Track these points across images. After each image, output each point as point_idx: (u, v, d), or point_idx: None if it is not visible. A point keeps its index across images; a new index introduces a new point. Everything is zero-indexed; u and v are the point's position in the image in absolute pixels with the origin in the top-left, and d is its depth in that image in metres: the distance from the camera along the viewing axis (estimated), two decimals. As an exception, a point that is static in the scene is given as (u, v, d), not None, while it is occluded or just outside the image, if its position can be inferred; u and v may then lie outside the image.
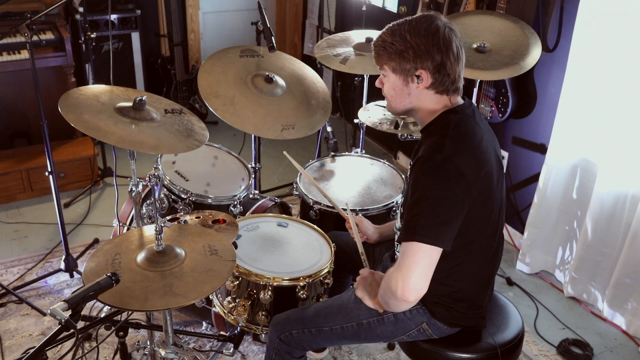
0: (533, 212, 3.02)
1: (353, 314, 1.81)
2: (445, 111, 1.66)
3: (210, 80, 2.34)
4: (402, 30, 1.60)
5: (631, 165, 2.58)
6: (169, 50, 4.48)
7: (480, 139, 1.63)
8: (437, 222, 1.53)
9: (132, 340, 2.52)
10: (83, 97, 1.95)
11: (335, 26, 4.64)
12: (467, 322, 1.78)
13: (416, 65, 1.59)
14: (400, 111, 1.73)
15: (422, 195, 1.54)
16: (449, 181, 1.53)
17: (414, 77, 1.62)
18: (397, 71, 1.63)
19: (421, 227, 1.52)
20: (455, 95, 1.67)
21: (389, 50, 1.62)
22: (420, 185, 1.55)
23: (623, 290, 2.70)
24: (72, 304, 1.31)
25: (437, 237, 1.53)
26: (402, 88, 1.66)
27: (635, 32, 2.44)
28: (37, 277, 2.89)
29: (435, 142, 1.59)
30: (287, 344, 1.83)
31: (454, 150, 1.56)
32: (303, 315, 1.84)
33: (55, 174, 2.64)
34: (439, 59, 1.58)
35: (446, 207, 1.54)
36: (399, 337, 1.82)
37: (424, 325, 1.77)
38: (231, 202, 2.41)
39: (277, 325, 1.85)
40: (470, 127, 1.64)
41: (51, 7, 2.48)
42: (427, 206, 1.53)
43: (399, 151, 4.29)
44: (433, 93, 1.64)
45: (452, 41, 1.59)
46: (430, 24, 1.58)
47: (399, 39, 1.59)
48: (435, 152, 1.56)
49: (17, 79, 3.67)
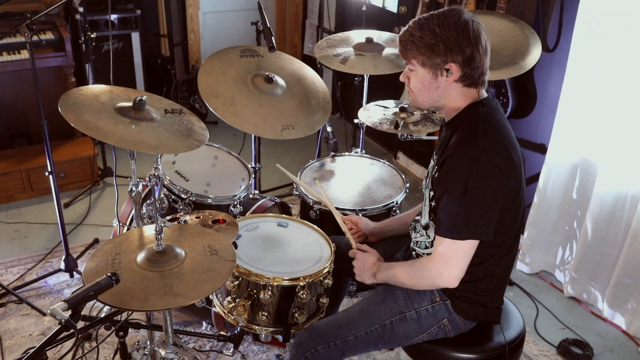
0: (533, 212, 3.02)
1: (375, 315, 1.81)
2: (473, 103, 1.67)
3: (210, 80, 2.34)
4: (431, 24, 1.59)
5: (631, 165, 2.58)
6: (169, 50, 4.48)
7: (508, 132, 1.66)
8: (477, 216, 1.57)
9: (132, 340, 2.52)
10: (83, 97, 1.94)
11: (335, 26, 4.63)
12: (486, 317, 1.79)
13: (446, 58, 1.59)
14: (427, 105, 1.72)
15: (463, 192, 1.56)
16: (486, 175, 1.56)
17: (443, 71, 1.62)
18: (427, 65, 1.62)
19: (464, 224, 1.57)
20: (482, 88, 1.68)
21: (418, 44, 1.61)
22: (459, 181, 1.57)
23: (623, 290, 2.70)
24: (72, 304, 1.31)
25: (478, 231, 1.59)
26: (430, 82, 1.65)
27: (635, 32, 2.44)
28: (37, 277, 2.89)
29: (466, 137, 1.60)
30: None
31: (487, 143, 1.57)
32: (325, 329, 1.83)
33: (55, 174, 2.64)
34: (469, 52, 1.58)
35: (485, 201, 1.57)
36: (420, 336, 1.81)
37: (445, 321, 1.78)
38: (231, 202, 2.41)
39: (301, 344, 1.83)
40: (498, 119, 1.66)
41: (51, 7, 2.48)
42: (469, 202, 1.56)
43: (399, 151, 4.29)
44: (461, 86, 1.65)
45: (481, 34, 1.60)
46: (459, 17, 1.58)
47: (428, 32, 1.59)
48: (469, 147, 1.58)
49: (17, 79, 3.67)
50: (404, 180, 2.63)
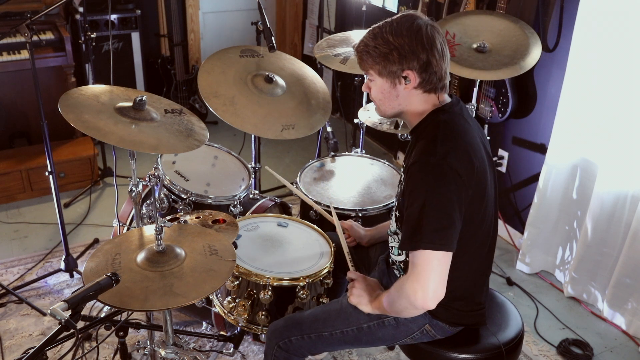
0: (533, 212, 3.02)
1: (353, 317, 1.79)
2: (434, 110, 1.65)
3: (210, 80, 2.34)
4: (384, 33, 1.59)
5: (631, 165, 2.58)
6: (169, 50, 4.48)
7: (470, 137, 1.63)
8: (444, 226, 1.52)
9: (132, 340, 2.52)
10: (83, 97, 1.94)
11: (335, 26, 4.63)
12: (467, 320, 1.78)
13: (402, 66, 1.58)
14: (390, 114, 1.71)
15: (423, 201, 1.52)
16: (446, 183, 1.53)
17: (401, 79, 1.61)
18: (383, 74, 1.62)
19: (430, 233, 1.51)
20: (443, 93, 1.66)
21: (372, 54, 1.61)
22: (420, 191, 1.54)
23: (623, 290, 2.70)
24: (72, 304, 1.31)
25: (446, 241, 1.52)
26: (389, 91, 1.64)
27: (635, 32, 2.44)
28: (37, 277, 2.89)
29: (426, 145, 1.58)
30: (285, 351, 1.81)
31: (446, 151, 1.54)
32: (301, 321, 1.82)
33: (55, 174, 2.64)
34: (424, 58, 1.57)
35: (449, 210, 1.53)
36: (401, 340, 1.81)
37: (427, 326, 1.76)
38: (231, 202, 2.41)
39: (275, 332, 1.82)
40: (459, 125, 1.63)
41: (51, 7, 2.48)
42: (431, 212, 1.52)
43: (399, 151, 4.29)
44: (421, 92, 1.63)
45: (435, 38, 1.58)
46: (411, 23, 1.57)
47: (381, 41, 1.59)
48: (428, 155, 1.55)
49: (17, 79, 3.67)
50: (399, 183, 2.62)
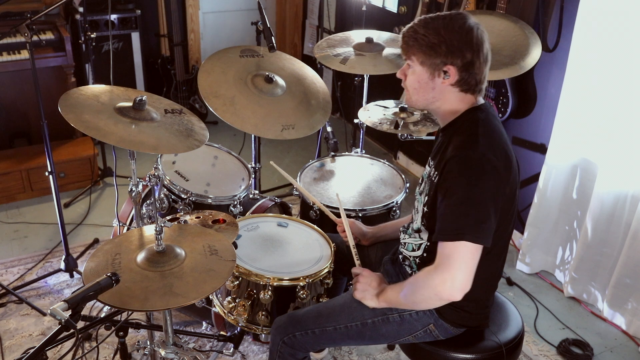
0: (533, 212, 3.02)
1: (357, 312, 1.80)
2: (471, 109, 1.66)
3: (210, 80, 2.34)
4: (436, 24, 1.59)
5: (631, 165, 2.58)
6: (169, 50, 4.48)
7: (505, 138, 1.66)
8: (483, 220, 1.54)
9: (132, 340, 2.52)
10: (83, 97, 1.95)
11: (335, 26, 4.63)
12: (472, 322, 1.78)
13: (446, 60, 1.58)
14: (420, 105, 1.71)
15: (464, 194, 1.54)
16: (486, 178, 1.54)
17: (441, 72, 1.61)
18: (426, 64, 1.62)
19: (471, 226, 1.52)
20: (479, 95, 1.68)
21: (420, 42, 1.60)
22: (460, 184, 1.55)
23: (623, 290, 2.70)
24: (72, 304, 1.31)
25: (483, 235, 1.54)
26: (427, 82, 1.64)
27: (635, 32, 2.44)
28: (37, 277, 2.89)
29: (466, 141, 1.59)
30: (290, 347, 1.81)
31: (486, 147, 1.56)
32: (305, 317, 1.83)
33: (55, 174, 2.64)
34: (469, 57, 1.58)
35: (487, 204, 1.54)
36: (404, 338, 1.81)
37: (431, 326, 1.77)
38: (231, 202, 2.41)
39: (279, 328, 1.83)
40: (495, 125, 1.65)
41: (51, 7, 2.49)
42: (470, 205, 1.53)
43: (399, 151, 4.29)
44: (457, 91, 1.64)
45: (484, 42, 1.60)
46: (464, 22, 1.59)
47: (432, 32, 1.58)
48: (468, 149, 1.56)
49: (17, 79, 3.67)
50: (404, 180, 2.63)
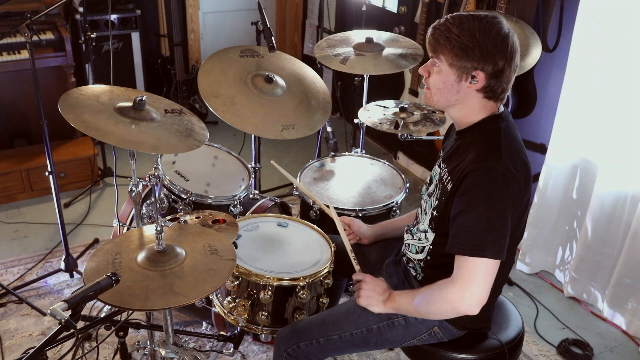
0: (533, 212, 3.02)
1: (362, 319, 1.77)
2: (492, 116, 1.62)
3: (210, 80, 2.34)
4: (472, 26, 1.51)
5: (631, 165, 2.58)
6: (169, 50, 4.48)
7: (523, 147, 1.63)
8: (501, 235, 1.51)
9: (132, 340, 2.52)
10: (83, 97, 1.94)
11: (335, 26, 4.64)
12: (476, 325, 1.78)
13: (477, 65, 1.52)
14: (440, 106, 1.65)
15: (486, 208, 1.50)
16: (508, 192, 1.51)
17: (469, 76, 1.55)
18: (454, 66, 1.55)
19: (493, 243, 1.50)
20: (500, 103, 1.64)
21: (453, 42, 1.52)
22: (482, 197, 1.51)
23: (623, 290, 2.70)
24: (72, 304, 1.31)
25: (502, 249, 1.51)
26: (452, 83, 1.57)
27: (635, 32, 2.44)
28: (37, 277, 2.89)
29: (489, 152, 1.55)
30: (295, 358, 1.78)
31: (509, 159, 1.53)
32: (309, 326, 1.80)
33: (55, 174, 2.64)
34: (500, 65, 1.53)
35: (506, 219, 1.52)
36: (409, 342, 1.79)
37: (436, 328, 1.76)
38: (231, 202, 2.41)
39: (283, 339, 1.80)
40: (515, 135, 1.62)
41: (51, 7, 2.48)
42: (494, 220, 1.50)
43: (399, 151, 4.29)
44: (481, 97, 1.59)
45: (517, 51, 1.55)
46: (500, 28, 1.52)
47: (467, 33, 1.51)
48: (491, 161, 1.52)
49: (17, 79, 3.67)
50: (404, 180, 2.62)
